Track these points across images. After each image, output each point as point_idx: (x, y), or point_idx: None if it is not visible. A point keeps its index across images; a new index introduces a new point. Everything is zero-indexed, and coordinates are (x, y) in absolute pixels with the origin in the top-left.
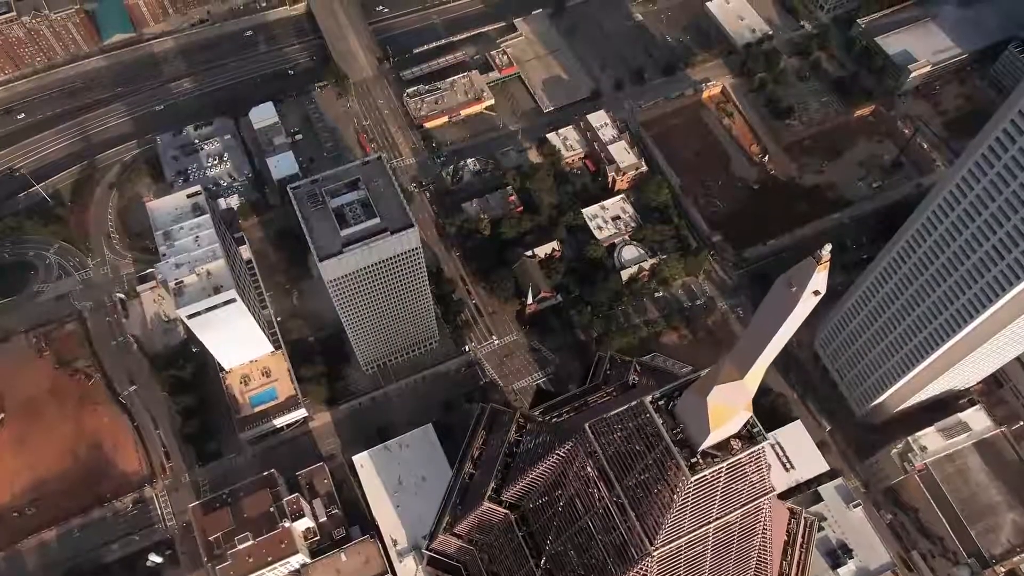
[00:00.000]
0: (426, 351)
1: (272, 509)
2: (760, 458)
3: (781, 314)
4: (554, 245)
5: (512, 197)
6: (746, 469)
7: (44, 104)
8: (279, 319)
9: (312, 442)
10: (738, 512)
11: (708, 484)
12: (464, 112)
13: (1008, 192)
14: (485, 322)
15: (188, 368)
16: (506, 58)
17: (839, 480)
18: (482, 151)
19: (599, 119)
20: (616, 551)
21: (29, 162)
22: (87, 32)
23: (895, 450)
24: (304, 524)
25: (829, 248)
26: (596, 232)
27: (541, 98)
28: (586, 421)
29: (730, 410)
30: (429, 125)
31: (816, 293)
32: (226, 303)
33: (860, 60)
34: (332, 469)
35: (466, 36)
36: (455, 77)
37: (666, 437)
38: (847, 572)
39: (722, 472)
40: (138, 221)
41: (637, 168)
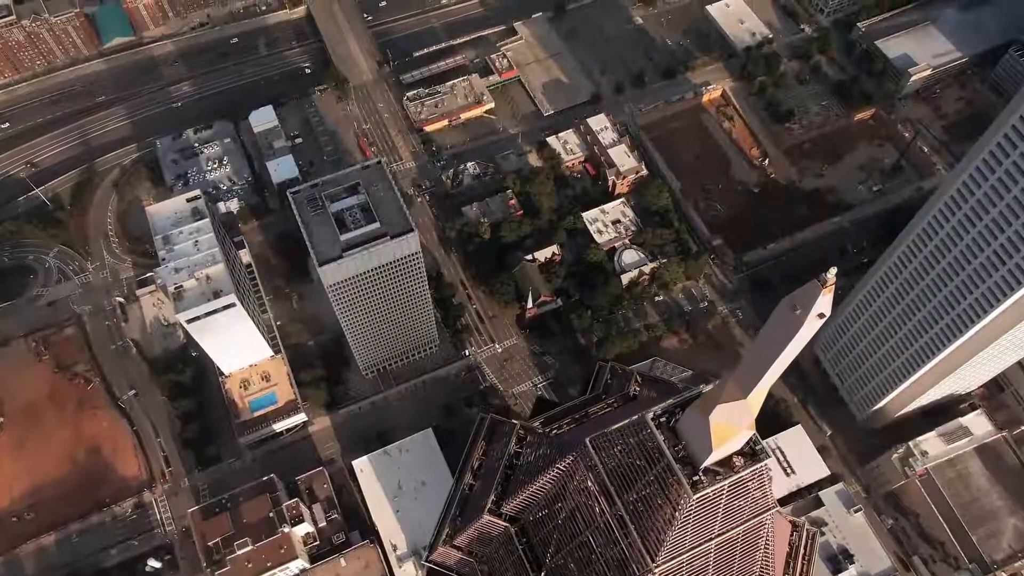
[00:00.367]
0: (426, 355)
1: (271, 514)
2: (762, 474)
3: (785, 336)
4: (554, 249)
5: (512, 201)
6: (749, 486)
7: (44, 108)
8: (279, 323)
9: (312, 447)
10: (740, 528)
11: (710, 501)
12: (464, 116)
13: (1009, 197)
14: (485, 326)
15: (187, 372)
16: (506, 61)
17: (840, 485)
18: (482, 155)
19: (599, 123)
20: (617, 566)
21: (28, 165)
22: (87, 36)
23: (896, 455)
24: (304, 529)
25: (834, 271)
26: (596, 236)
27: (541, 101)
28: (587, 434)
29: (733, 429)
30: (429, 129)
31: (821, 316)
32: (226, 307)
33: (860, 64)
34: (332, 474)
35: (466, 39)
36: (455, 81)
37: (668, 454)
38: None
39: (724, 490)
40: (138, 225)
41: (637, 172)
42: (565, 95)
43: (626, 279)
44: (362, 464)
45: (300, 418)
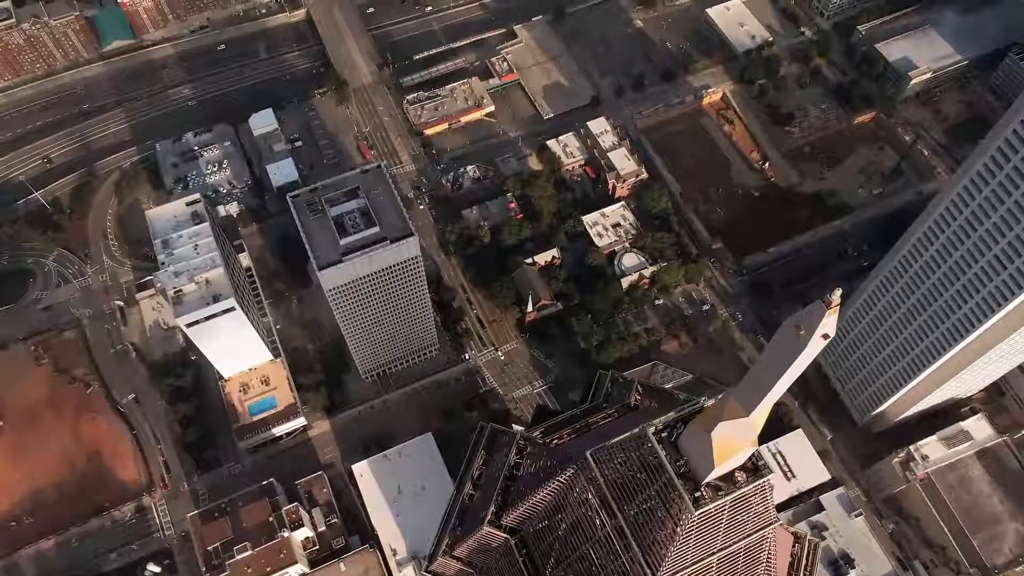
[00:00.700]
0: (426, 359)
1: (271, 519)
2: (765, 489)
3: (789, 356)
4: (554, 253)
5: (512, 204)
6: (751, 501)
7: (43, 111)
8: (278, 327)
9: (311, 451)
10: (743, 543)
11: (712, 517)
12: (464, 119)
13: (1010, 202)
14: (485, 330)
15: (187, 376)
16: (506, 65)
17: (840, 489)
18: (482, 158)
19: (599, 126)
20: None
21: (28, 169)
22: (87, 38)
23: (897, 459)
24: (303, 534)
25: (839, 293)
26: (596, 239)
27: (541, 105)
28: (587, 445)
29: (736, 446)
30: (429, 132)
31: (825, 336)
32: (225, 312)
33: (860, 67)
34: (331, 478)
35: (466, 42)
36: (455, 84)
37: (669, 469)
38: None
39: (726, 505)
40: (137, 228)
41: (637, 175)
42: (565, 98)
43: (626, 283)
44: (362, 468)
45: (300, 422)
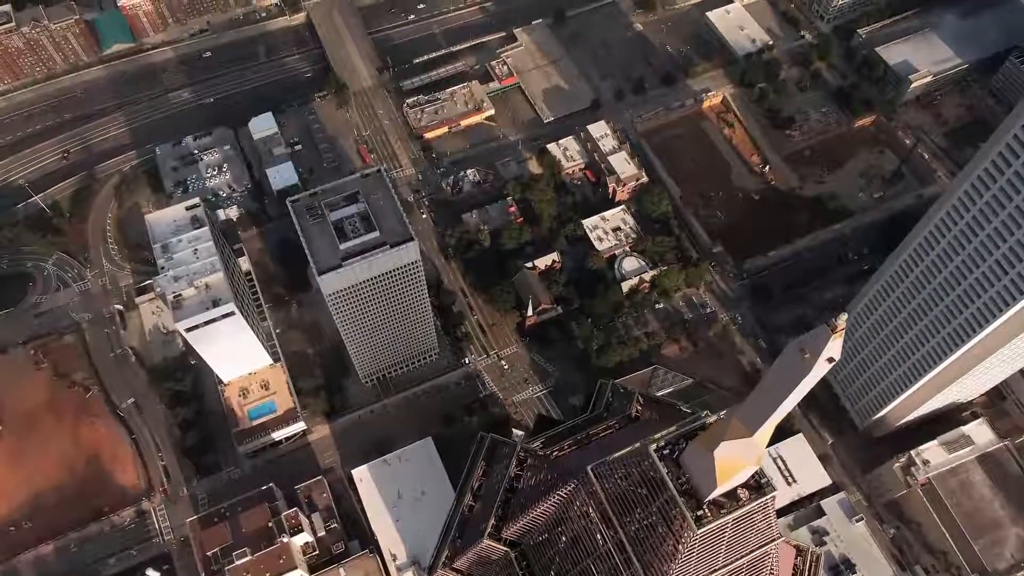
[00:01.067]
0: (426, 363)
1: (270, 524)
2: (768, 507)
3: (793, 379)
4: (554, 257)
5: (512, 208)
6: (754, 518)
7: (43, 114)
8: (278, 331)
9: (311, 455)
10: (745, 559)
11: (714, 535)
12: (464, 122)
13: (1011, 207)
14: (485, 334)
15: (186, 381)
16: (506, 68)
17: (841, 494)
18: (482, 161)
19: (599, 129)
20: None
21: (28, 172)
22: (87, 42)
23: (898, 464)
24: (303, 539)
25: (845, 317)
26: (596, 243)
27: (541, 108)
28: (588, 458)
29: (739, 465)
30: (429, 135)
31: (830, 360)
32: (224, 316)
33: (860, 70)
34: (331, 483)
35: (466, 46)
36: (455, 87)
37: (671, 487)
38: None
39: (729, 524)
40: (137, 232)
41: (638, 179)
42: (565, 102)
43: (626, 286)
44: (361, 473)
45: (299, 427)
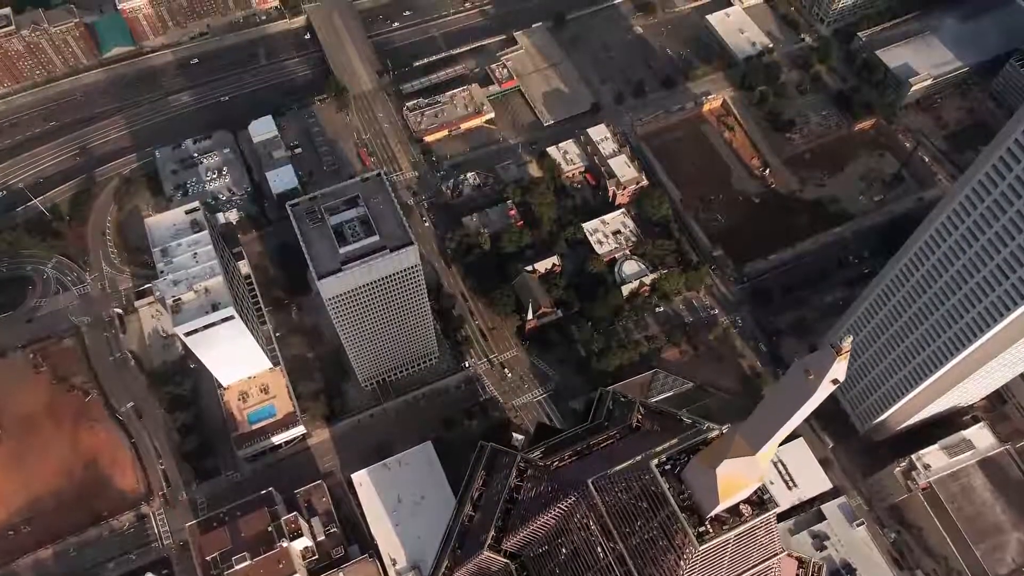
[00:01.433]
0: (426, 367)
1: (270, 528)
2: (771, 522)
3: (797, 400)
4: (554, 260)
5: (512, 211)
6: (756, 534)
7: (43, 118)
8: (278, 335)
9: (311, 460)
10: (747, 574)
11: (716, 551)
12: (464, 126)
13: (1012, 212)
14: (485, 338)
15: (186, 384)
16: (506, 71)
17: (842, 498)
18: (482, 165)
19: (599, 133)
20: None
21: (27, 176)
22: (87, 45)
23: (899, 468)
24: (302, 543)
25: (850, 340)
26: (596, 247)
27: (541, 111)
28: (588, 469)
29: (741, 483)
30: (429, 139)
31: (835, 382)
32: (224, 320)
33: (861, 73)
34: (331, 487)
35: (466, 49)
36: (455, 90)
37: (672, 503)
38: None
39: (731, 540)
40: (136, 235)
41: (638, 182)
42: (565, 105)
43: (626, 290)
44: (361, 477)
45: (299, 431)
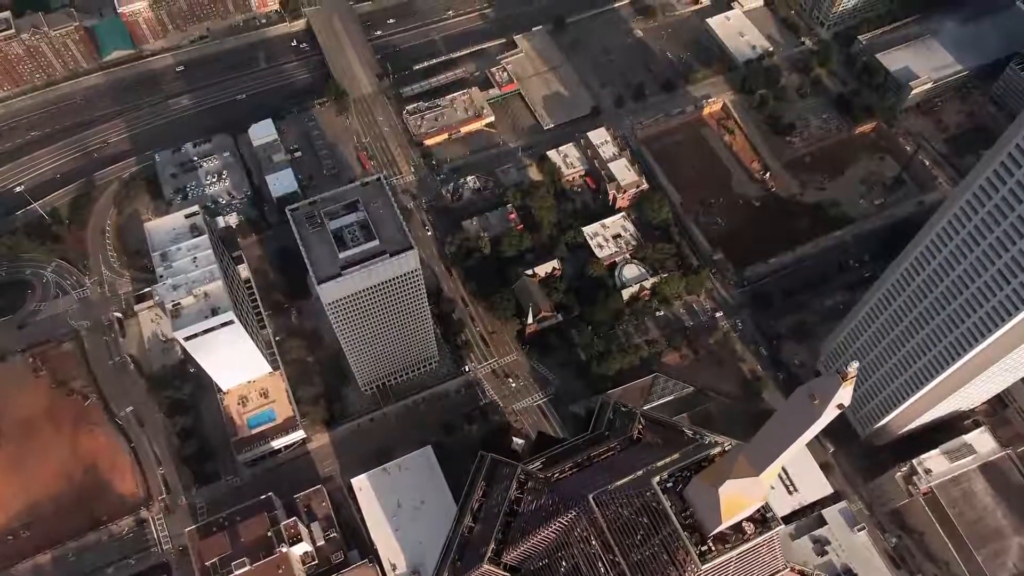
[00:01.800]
0: (426, 371)
1: (269, 534)
2: (774, 540)
3: (802, 424)
4: (555, 264)
5: (512, 215)
6: (759, 551)
7: (42, 121)
8: (278, 339)
9: (310, 464)
10: None
11: (719, 569)
12: (464, 129)
13: (1013, 217)
14: (486, 342)
15: (185, 389)
16: (506, 75)
17: (843, 503)
18: (482, 168)
19: (599, 136)
20: None
21: (27, 179)
22: (86, 49)
23: (899, 473)
24: (302, 548)
25: (856, 365)
26: (597, 250)
27: (541, 115)
28: (589, 482)
29: (744, 503)
30: (429, 142)
31: (840, 407)
32: (223, 325)
33: (861, 77)
34: (330, 492)
35: (466, 53)
36: (455, 94)
37: (674, 521)
38: None
39: (734, 559)
40: (136, 239)
41: (638, 186)
42: (565, 108)
43: (627, 294)
44: (361, 482)
45: (299, 435)
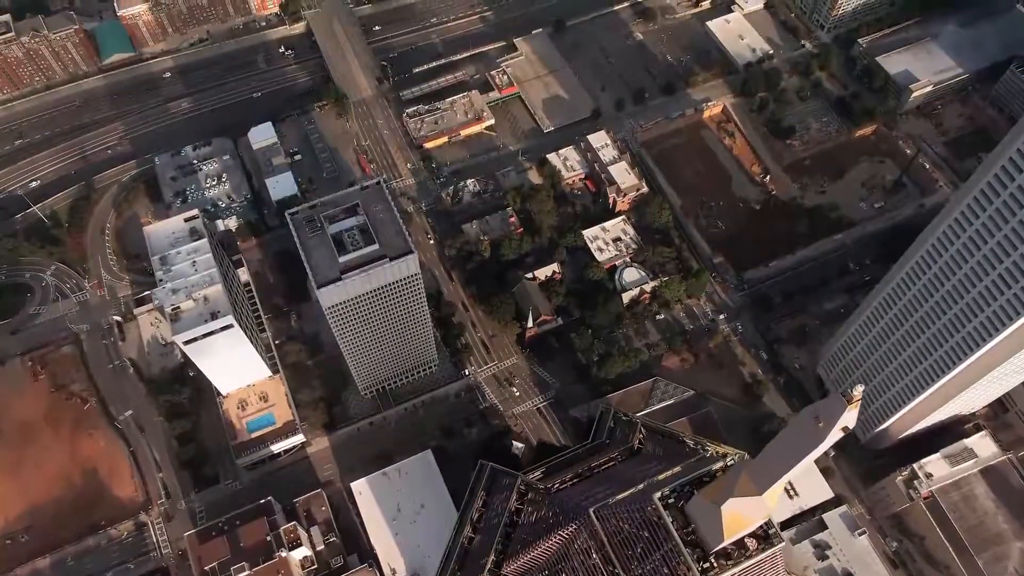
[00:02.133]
0: (426, 375)
1: (269, 538)
2: (776, 557)
3: (806, 446)
4: (555, 267)
5: (512, 218)
6: (762, 567)
7: (42, 124)
8: (277, 342)
9: (310, 468)
10: None
11: None
12: (464, 132)
13: (1015, 221)
14: (486, 346)
15: (185, 393)
16: (506, 78)
17: (843, 508)
18: (482, 171)
19: (600, 139)
20: None
21: (27, 182)
22: (86, 52)
23: (900, 477)
24: (301, 553)
25: (861, 388)
26: (597, 254)
27: (541, 118)
28: (590, 493)
29: (746, 522)
30: (429, 145)
31: (845, 429)
32: (223, 329)
33: (861, 79)
34: (330, 496)
35: (466, 56)
36: (455, 97)
37: (676, 537)
38: None
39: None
40: (135, 242)
41: (638, 189)
42: (565, 112)
43: (627, 297)
44: (361, 486)
45: (298, 439)
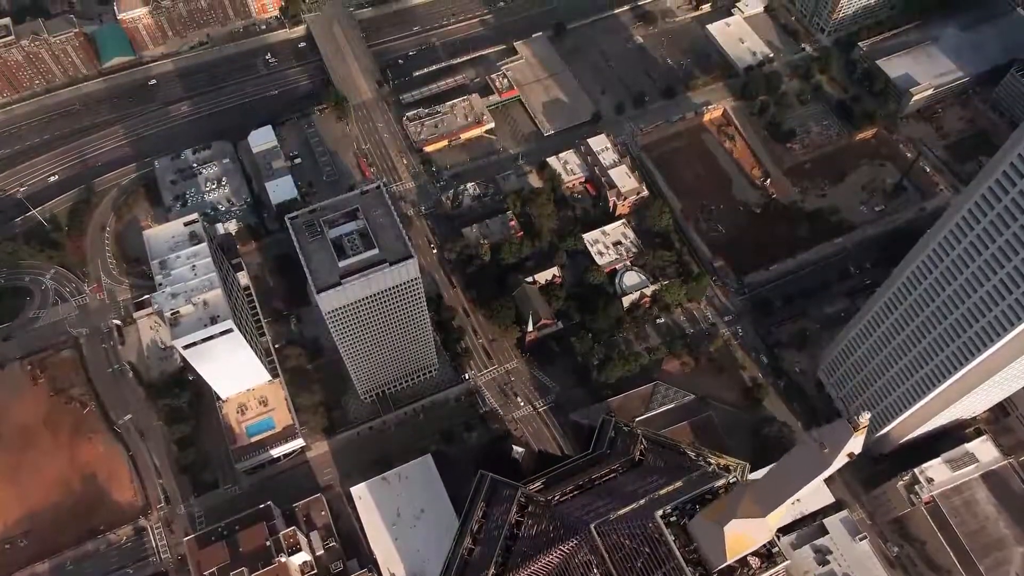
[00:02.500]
0: (426, 379)
1: (268, 543)
2: (779, 574)
3: (811, 471)
4: (555, 271)
5: (512, 222)
6: None
7: (42, 127)
8: (277, 346)
9: (310, 473)
10: None
11: None
12: (464, 136)
13: (1016, 227)
14: (486, 350)
15: (184, 397)
16: (506, 81)
17: (844, 512)
18: (482, 175)
19: (600, 143)
20: None
21: (26, 186)
22: (86, 55)
23: (901, 482)
24: (301, 558)
25: (868, 416)
26: (597, 258)
27: (541, 122)
28: (591, 506)
29: (749, 543)
30: (429, 149)
31: (850, 455)
32: (223, 333)
33: (861, 83)
34: (330, 500)
35: (466, 59)
36: (455, 100)
37: (678, 556)
38: None
39: None
40: (135, 246)
41: (638, 192)
42: (566, 115)
43: (627, 301)
44: (360, 491)
45: (298, 443)
